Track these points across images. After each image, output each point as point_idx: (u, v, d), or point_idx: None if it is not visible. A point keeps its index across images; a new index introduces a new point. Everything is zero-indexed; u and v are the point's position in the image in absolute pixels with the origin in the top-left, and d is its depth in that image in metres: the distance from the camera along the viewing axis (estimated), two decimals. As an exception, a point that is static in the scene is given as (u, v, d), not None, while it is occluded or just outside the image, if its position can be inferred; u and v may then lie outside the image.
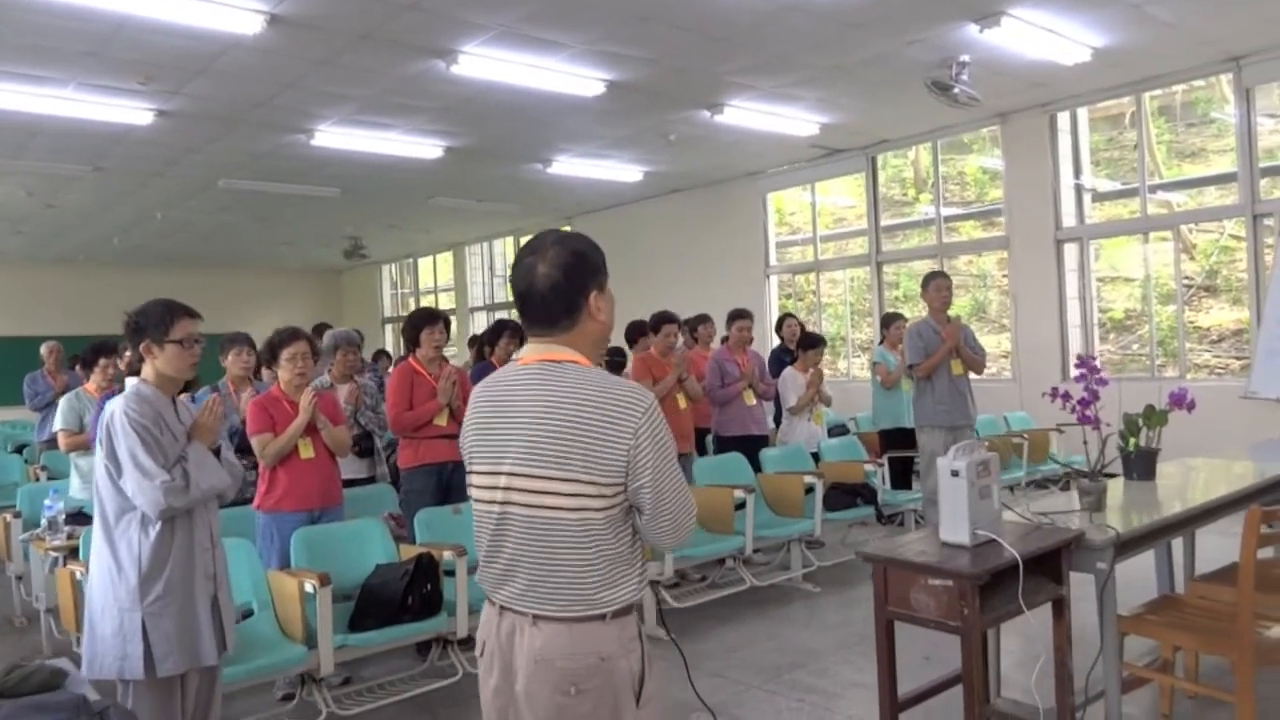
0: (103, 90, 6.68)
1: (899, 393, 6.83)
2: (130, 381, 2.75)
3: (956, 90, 7.05)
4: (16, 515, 5.15)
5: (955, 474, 2.78)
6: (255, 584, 3.71)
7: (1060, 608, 2.92)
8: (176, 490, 2.59)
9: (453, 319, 16.27)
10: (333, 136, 8.17)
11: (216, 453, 2.82)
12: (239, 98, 7.05)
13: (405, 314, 17.88)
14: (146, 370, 2.74)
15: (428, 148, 8.76)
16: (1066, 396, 3.43)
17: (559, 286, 1.75)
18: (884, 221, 10.36)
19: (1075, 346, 8.52)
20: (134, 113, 7.19)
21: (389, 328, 18.08)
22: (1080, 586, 2.92)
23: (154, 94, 6.83)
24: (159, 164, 9.02)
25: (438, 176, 10.04)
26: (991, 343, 10.58)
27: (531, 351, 1.80)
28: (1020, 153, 8.76)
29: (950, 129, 9.20)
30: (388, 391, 4.61)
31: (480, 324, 15.71)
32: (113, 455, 2.58)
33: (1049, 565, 2.90)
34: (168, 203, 10.85)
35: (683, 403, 5.67)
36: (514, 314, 15.33)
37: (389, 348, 14.90)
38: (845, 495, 5.65)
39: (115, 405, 2.64)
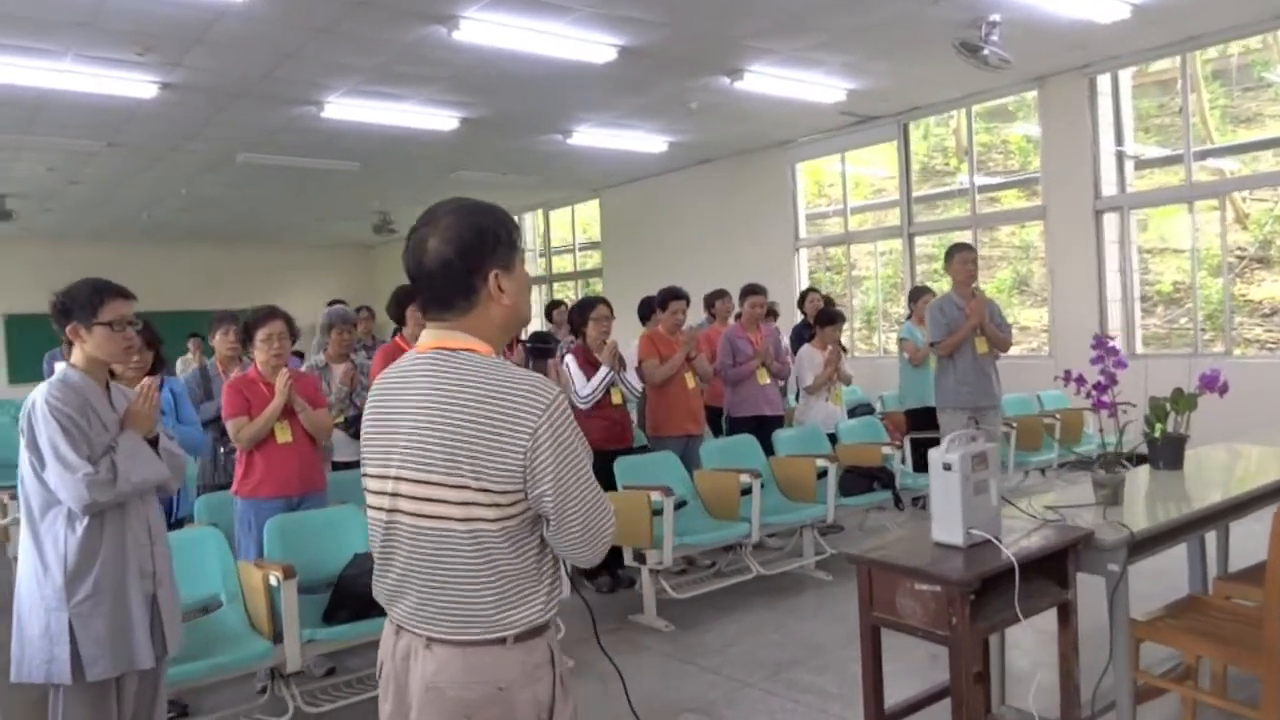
0: (102, 62, 6.57)
1: (926, 370, 6.49)
2: (59, 366, 2.59)
3: (986, 52, 6.64)
4: (14, 497, 5.12)
5: (947, 467, 2.53)
6: (225, 574, 3.58)
7: (1066, 613, 2.66)
8: (101, 484, 2.41)
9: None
10: (343, 108, 8.01)
11: (155, 442, 2.65)
12: (240, 69, 6.91)
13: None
14: (76, 355, 2.56)
15: (442, 119, 8.57)
16: (1081, 380, 3.14)
17: (451, 265, 1.53)
18: (922, 191, 9.94)
19: (1115, 322, 8.09)
20: (137, 85, 7.08)
21: (421, 302, 18.04)
22: (1097, 584, 2.67)
23: (154, 66, 6.72)
24: (174, 139, 8.96)
25: (457, 149, 9.86)
26: (1034, 317, 10.15)
27: (426, 338, 1.60)
28: (1058, 118, 8.29)
29: (985, 94, 8.75)
30: (371, 370, 4.44)
31: (509, 299, 15.60)
32: (34, 446, 2.41)
33: (1054, 567, 2.65)
34: (189, 178, 10.83)
35: (691, 382, 5.43)
36: (548, 291, 15.20)
37: (419, 323, 14.79)
38: (861, 479, 5.39)
39: (38, 393, 2.47)
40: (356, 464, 4.74)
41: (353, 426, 4.92)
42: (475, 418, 1.47)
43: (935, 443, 6.00)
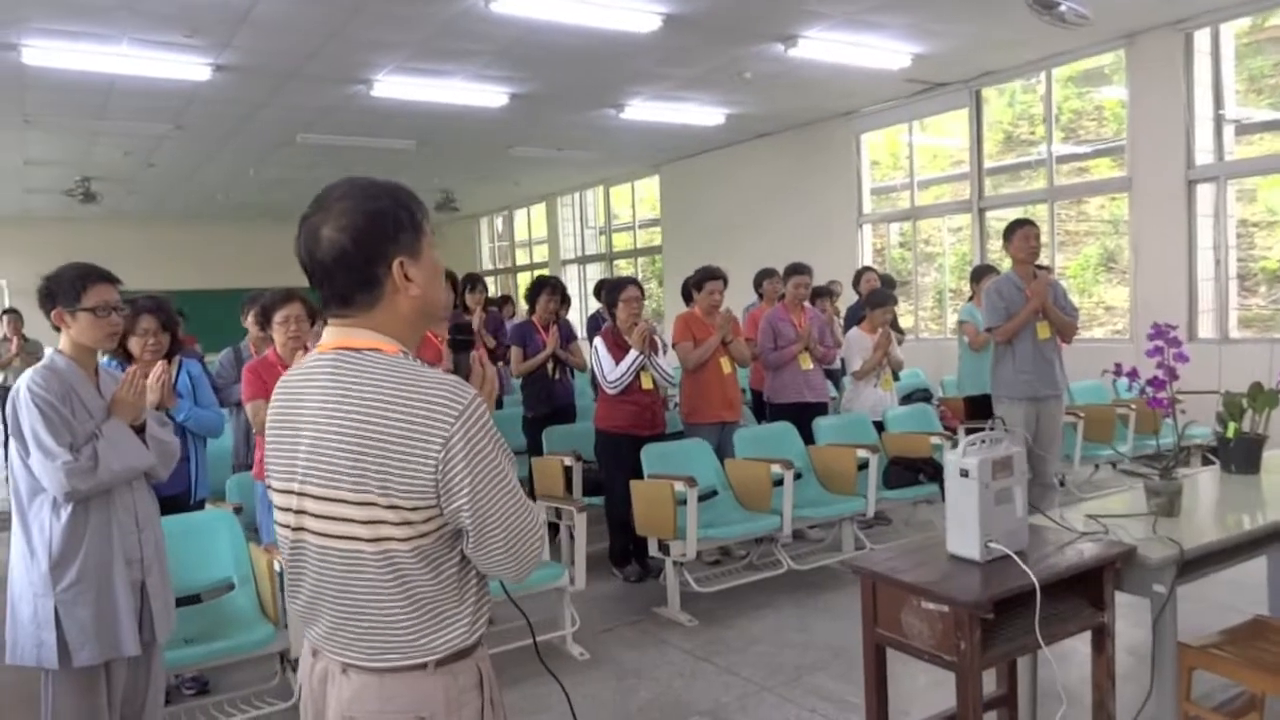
0: (155, 45, 6.66)
1: (987, 356, 6.11)
2: (48, 351, 2.58)
3: (1063, 8, 6.13)
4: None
5: (964, 474, 2.27)
6: (237, 558, 3.55)
7: (1101, 639, 2.37)
8: (81, 472, 2.39)
9: (545, 272, 16.17)
10: (392, 86, 7.98)
11: (144, 429, 2.62)
12: (287, 49, 6.91)
13: (504, 266, 18.10)
14: (62, 340, 2.55)
15: (491, 95, 8.46)
16: (1134, 375, 2.80)
17: (347, 255, 1.36)
18: (1005, 161, 9.37)
19: (1206, 302, 7.48)
20: (192, 68, 7.18)
21: (488, 280, 18.12)
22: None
23: (204, 48, 6.78)
24: (234, 120, 9.10)
25: (510, 125, 9.75)
26: (1121, 296, 9.52)
27: (327, 337, 1.43)
28: (1148, 79, 7.65)
29: (1066, 55, 8.15)
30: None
31: (572, 277, 15.51)
32: (18, 433, 2.41)
33: (1089, 586, 2.36)
34: (255, 159, 11.04)
35: (727, 367, 5.20)
36: (607, 269, 15.10)
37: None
38: (907, 471, 5.08)
39: (23, 379, 2.46)
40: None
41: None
42: (380, 427, 1.30)
43: (993, 433, 5.69)
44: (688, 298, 5.82)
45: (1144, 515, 2.67)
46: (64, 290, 2.50)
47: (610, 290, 5.03)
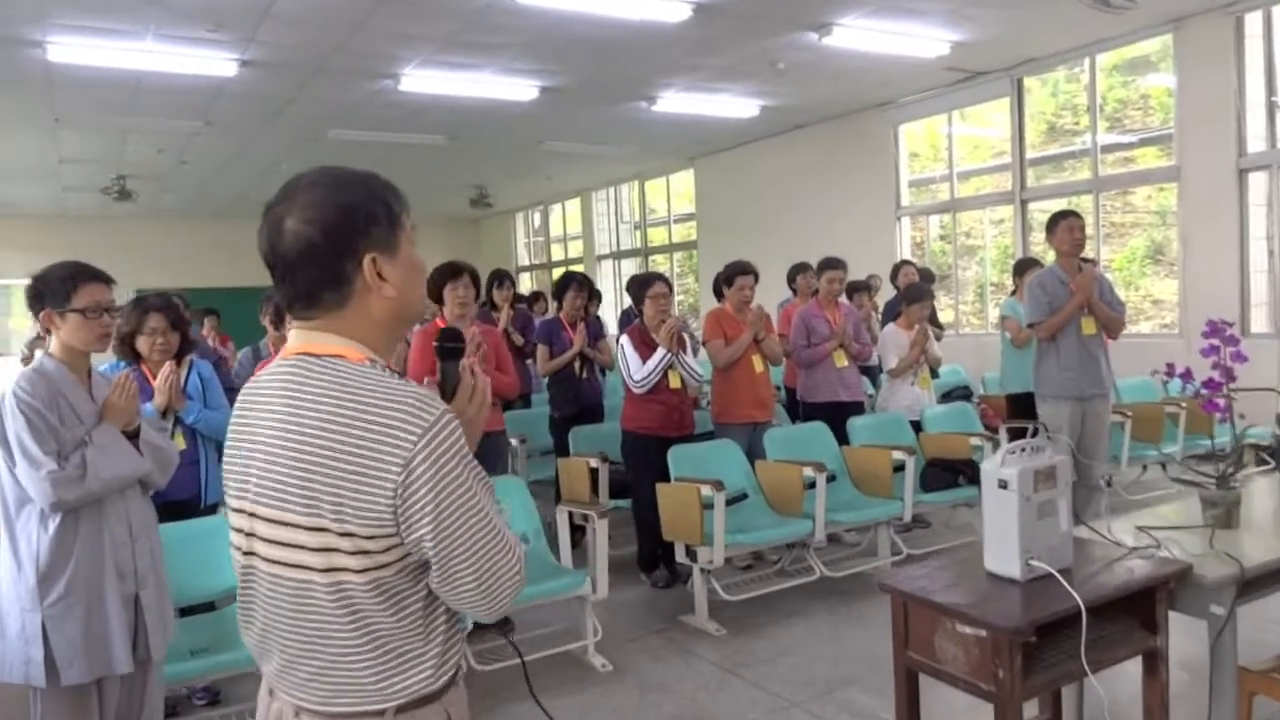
0: (180, 40, 6.64)
1: (1030, 352, 5.89)
2: (38, 355, 2.49)
3: (1110, -10, 5.87)
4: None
5: (1003, 485, 2.11)
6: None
7: (1153, 663, 2.20)
8: (67, 481, 2.29)
9: (580, 268, 16.10)
10: (421, 80, 7.91)
11: (137, 434, 2.52)
12: (312, 42, 6.87)
13: (540, 262, 18.07)
14: (53, 342, 2.45)
15: (521, 88, 8.37)
16: (1188, 376, 2.61)
17: (314, 250, 1.23)
18: (1049, 151, 9.06)
19: (1259, 295, 7.15)
20: (218, 63, 7.17)
21: (524, 276, 18.12)
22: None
23: (229, 43, 6.76)
24: (264, 116, 9.11)
25: (542, 120, 9.66)
26: (1169, 289, 9.17)
27: (291, 340, 1.31)
28: (1197, 65, 7.32)
29: (1111, 42, 7.84)
30: (410, 357, 4.26)
31: (607, 272, 15.42)
32: (4, 440, 2.31)
33: (1139, 605, 2.19)
34: (286, 156, 11.05)
35: (759, 365, 5.04)
36: (643, 264, 14.98)
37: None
38: (945, 473, 4.89)
39: (10, 383, 2.36)
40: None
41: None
42: (334, 444, 1.18)
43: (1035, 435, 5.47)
44: (719, 294, 5.67)
45: (1199, 527, 2.49)
46: (52, 290, 2.40)
47: (637, 287, 4.90)
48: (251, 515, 1.27)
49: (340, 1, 6.00)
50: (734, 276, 5.08)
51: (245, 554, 1.30)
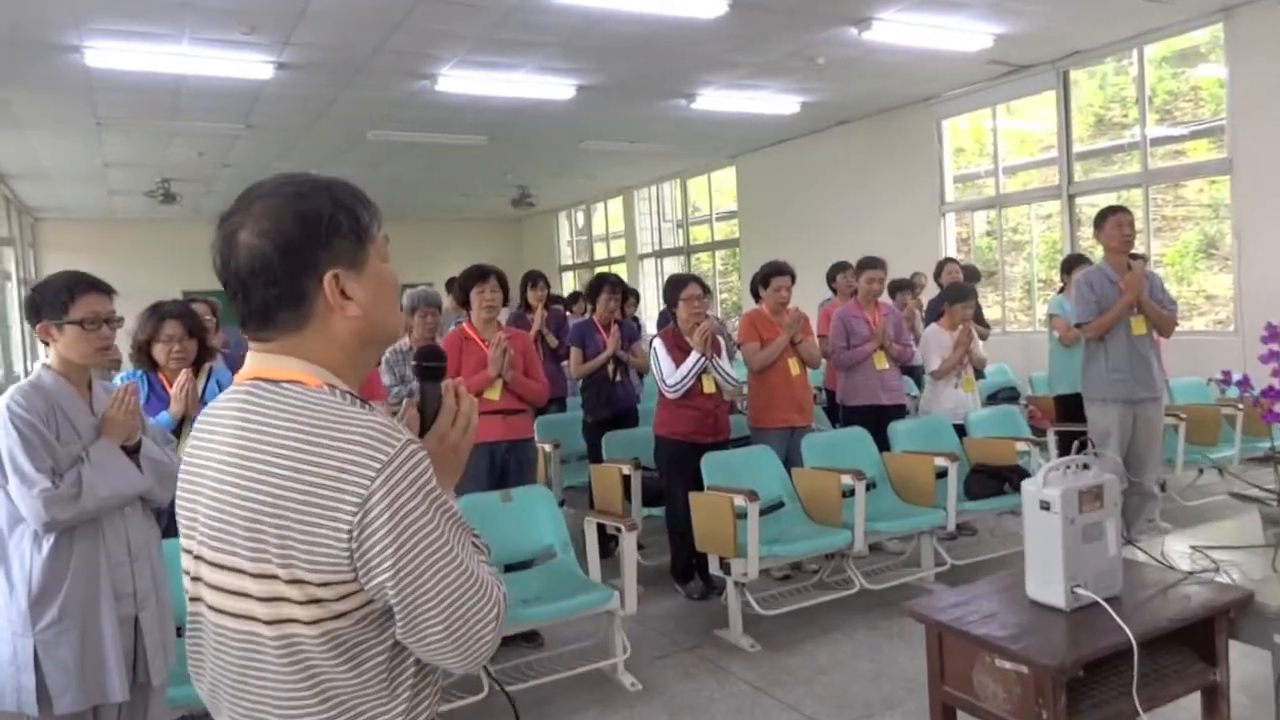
0: (215, 44, 6.67)
1: (1080, 351, 5.68)
2: (35, 366, 2.45)
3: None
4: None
5: (1045, 506, 1.98)
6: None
7: (1213, 699, 2.05)
8: (61, 500, 2.20)
9: (621, 268, 16.04)
10: (458, 80, 7.89)
11: (137, 449, 2.42)
12: (347, 44, 6.87)
13: (582, 261, 18.04)
14: (52, 354, 2.37)
15: (558, 87, 8.31)
16: (1245, 384, 2.44)
17: (268, 265, 1.11)
18: (1097, 145, 8.76)
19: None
20: (255, 66, 7.20)
21: (567, 275, 18.12)
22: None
23: (265, 45, 6.78)
24: (304, 118, 9.17)
25: (580, 119, 9.60)
26: (1223, 284, 8.81)
27: (247, 364, 1.19)
28: (1248, 55, 7.01)
29: (1159, 33, 7.55)
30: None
31: (649, 271, 15.34)
32: None
33: (1196, 635, 2.04)
34: (327, 158, 11.16)
35: (795, 368, 4.92)
36: (685, 262, 14.90)
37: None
38: (990, 480, 4.71)
39: (4, 398, 2.27)
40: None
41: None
42: (284, 480, 1.06)
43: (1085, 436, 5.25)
44: (756, 295, 5.56)
45: (1261, 547, 2.33)
46: (50, 301, 2.31)
47: (671, 289, 4.80)
48: (197, 558, 1.16)
49: (374, 2, 5.99)
50: (770, 277, 4.96)
51: (192, 599, 1.20)
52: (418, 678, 1.16)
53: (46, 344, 2.37)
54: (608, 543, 4.35)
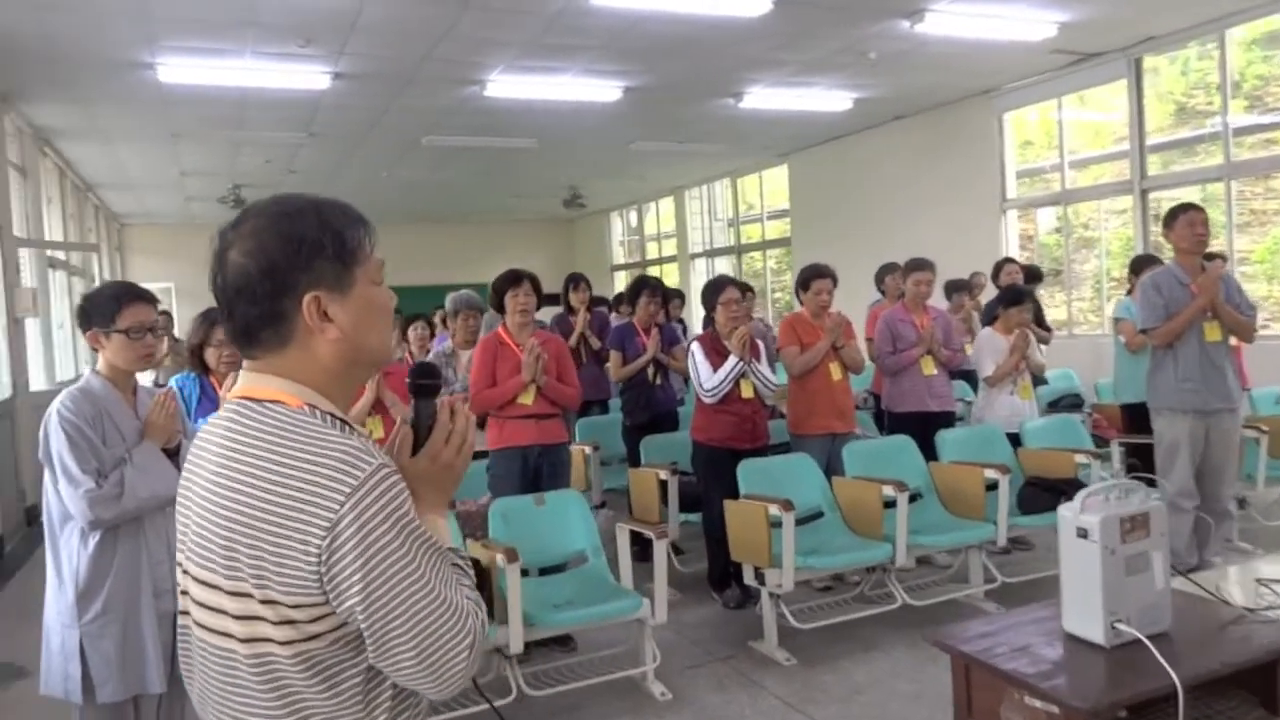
0: (274, 57, 6.84)
1: (1147, 358, 5.38)
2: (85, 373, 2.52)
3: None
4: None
5: (1083, 534, 1.82)
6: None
7: (1273, 747, 1.86)
8: (105, 500, 2.31)
9: (673, 267, 15.94)
10: (505, 86, 7.92)
11: (177, 452, 2.51)
12: (398, 54, 6.96)
13: (634, 261, 18.00)
14: (100, 361, 2.49)
15: (604, 90, 8.27)
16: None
17: (249, 284, 1.13)
18: (1172, 136, 8.33)
19: None
20: (313, 77, 7.35)
21: (619, 275, 18.10)
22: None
23: (321, 57, 6.91)
24: (361, 126, 9.32)
25: (628, 120, 9.54)
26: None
27: (239, 382, 1.21)
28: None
29: (1242, 15, 7.12)
30: (472, 368, 4.18)
31: (701, 271, 15.21)
32: (48, 458, 2.36)
33: (1256, 679, 1.86)
34: (386, 163, 11.35)
35: (837, 373, 4.76)
36: (736, 262, 14.77)
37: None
38: (1045, 493, 4.47)
39: (55, 402, 2.40)
40: (481, 454, 4.62)
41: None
42: (259, 500, 1.07)
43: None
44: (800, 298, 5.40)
45: (1337, 581, 2.12)
46: (99, 311, 2.43)
47: (709, 292, 4.69)
48: (185, 572, 1.18)
49: (422, 12, 6.04)
50: (810, 280, 4.81)
51: (181, 612, 1.22)
52: (395, 700, 1.16)
53: (96, 350, 2.47)
54: (645, 547, 4.28)
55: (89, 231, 12.65)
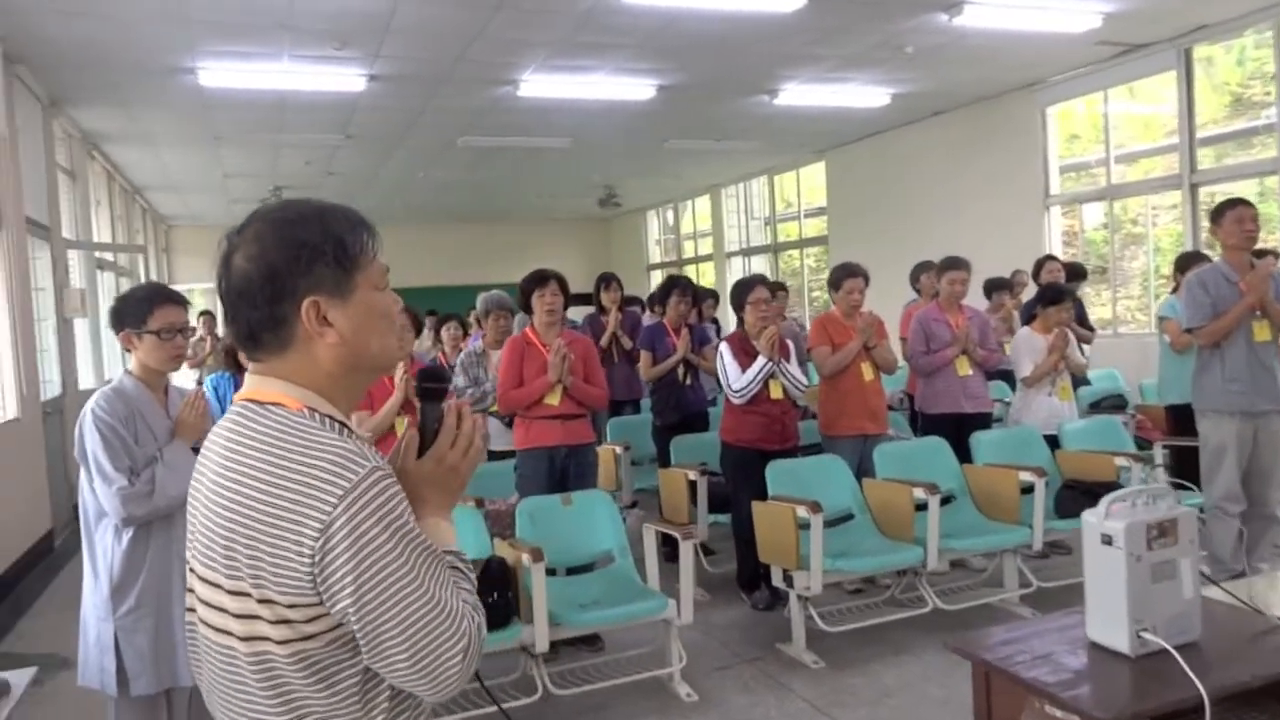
0: (311, 60, 6.93)
1: (1193, 358, 5.23)
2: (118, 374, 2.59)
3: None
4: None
5: (1107, 540, 1.77)
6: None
7: (1309, 763, 1.79)
8: (137, 497, 2.37)
9: (710, 266, 15.89)
10: (539, 85, 7.94)
11: None
12: (432, 56, 7.01)
13: (670, 260, 17.97)
14: (133, 361, 2.56)
15: (639, 88, 8.25)
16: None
17: (250, 288, 1.15)
18: (1223, 129, 8.08)
19: None
20: (349, 79, 7.44)
21: (655, 274, 18.08)
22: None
23: (356, 59, 6.99)
24: (397, 127, 9.42)
25: (662, 118, 9.52)
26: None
27: (245, 384, 1.23)
28: None
29: (1300, 0, 6.88)
30: (499, 368, 4.20)
31: (737, 270, 15.13)
32: (83, 456, 2.43)
33: (1290, 692, 1.79)
34: (423, 164, 11.46)
35: (868, 374, 4.70)
36: (772, 260, 14.66)
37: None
38: (1083, 497, 4.35)
39: (90, 402, 2.47)
40: (510, 453, 4.63)
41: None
42: (256, 501, 1.09)
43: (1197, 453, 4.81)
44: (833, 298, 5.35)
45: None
46: (131, 312, 2.49)
47: (738, 291, 4.65)
48: (191, 570, 1.21)
49: (455, 14, 6.08)
50: (842, 280, 4.76)
51: (188, 609, 1.24)
52: (393, 701, 1.16)
53: (129, 351, 2.54)
54: (675, 547, 4.27)
55: (136, 233, 12.98)
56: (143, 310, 2.48)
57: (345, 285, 1.17)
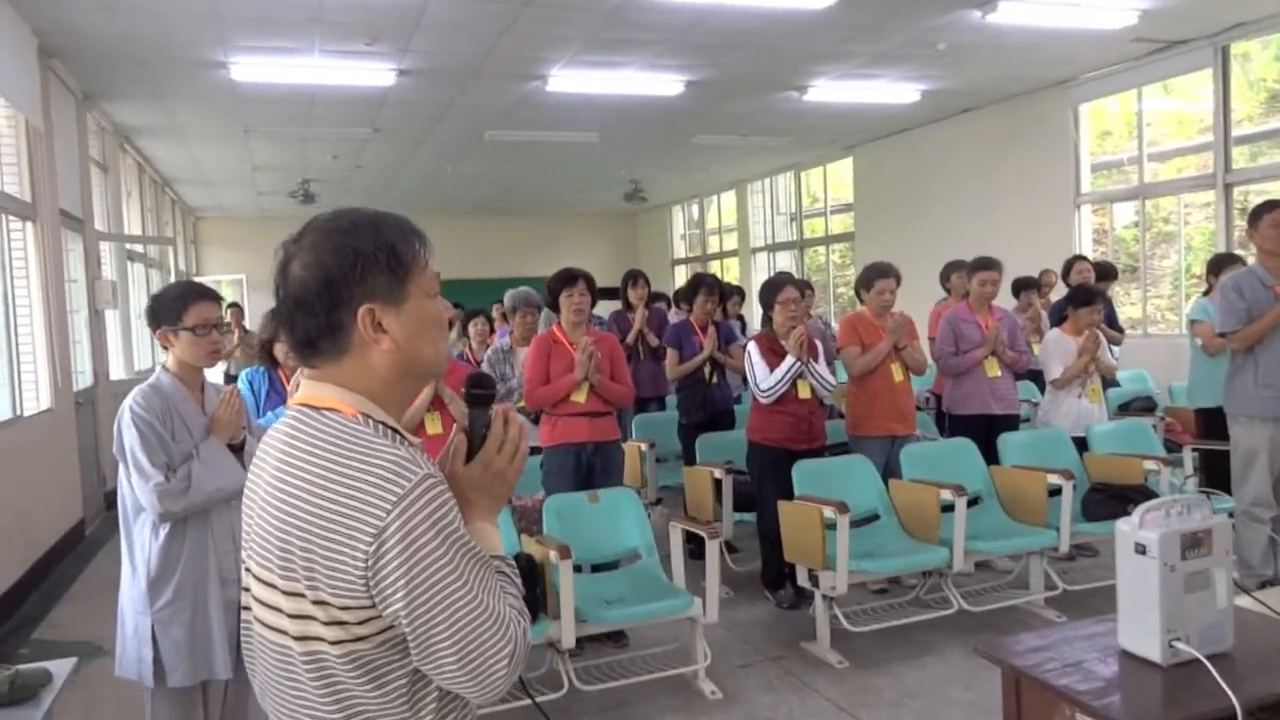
0: (342, 55, 6.99)
1: (1225, 361, 5.16)
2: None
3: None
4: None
5: (1141, 550, 1.77)
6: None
7: (1343, 777, 1.78)
8: (173, 493, 2.41)
9: (735, 261, 15.86)
10: (568, 80, 7.95)
11: (241, 447, 2.61)
12: (462, 50, 7.04)
13: (695, 255, 17.95)
14: (170, 358, 2.59)
15: (666, 84, 8.24)
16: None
17: (308, 296, 1.18)
18: (1260, 127, 7.95)
19: None
20: (378, 74, 7.50)
21: (679, 269, 18.08)
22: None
23: (386, 54, 7.04)
24: (426, 121, 9.48)
25: (690, 114, 9.50)
26: None
27: (300, 389, 1.26)
28: None
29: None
30: (526, 365, 4.24)
31: (762, 266, 15.08)
32: (121, 452, 2.47)
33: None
34: (450, 158, 11.52)
35: (898, 374, 4.68)
36: (799, 256, 14.57)
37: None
38: (1111, 500, 4.34)
39: (128, 398, 2.51)
40: (536, 450, 4.67)
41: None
42: (313, 506, 1.12)
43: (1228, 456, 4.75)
44: (861, 298, 5.33)
45: None
46: (166, 309, 2.53)
47: (767, 291, 4.65)
48: (248, 570, 1.25)
49: (484, 9, 6.10)
50: (873, 280, 4.74)
51: (244, 607, 1.28)
52: (441, 702, 1.19)
53: (165, 348, 2.57)
54: (700, 545, 4.29)
55: (166, 225, 13.14)
56: (177, 308, 2.51)
57: (399, 293, 1.20)
